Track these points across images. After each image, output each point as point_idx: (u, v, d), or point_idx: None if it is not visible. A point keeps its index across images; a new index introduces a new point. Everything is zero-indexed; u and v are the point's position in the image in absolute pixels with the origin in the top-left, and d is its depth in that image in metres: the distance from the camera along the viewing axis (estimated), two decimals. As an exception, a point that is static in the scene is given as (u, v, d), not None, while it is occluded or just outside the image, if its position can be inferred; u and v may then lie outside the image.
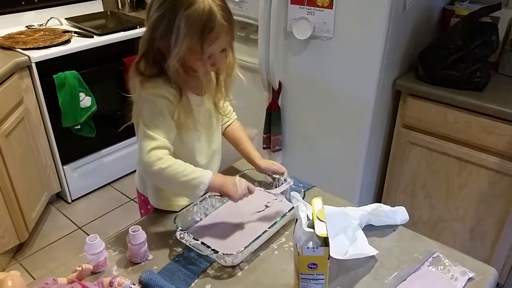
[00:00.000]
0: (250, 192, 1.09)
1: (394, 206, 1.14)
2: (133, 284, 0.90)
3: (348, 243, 1.02)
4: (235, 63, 1.13)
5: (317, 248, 0.79)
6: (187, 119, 1.07)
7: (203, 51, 0.98)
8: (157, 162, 1.00)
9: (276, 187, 1.25)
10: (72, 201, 2.60)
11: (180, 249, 1.06)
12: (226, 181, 1.07)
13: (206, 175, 1.03)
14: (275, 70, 1.95)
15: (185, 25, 0.95)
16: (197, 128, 1.13)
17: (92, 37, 2.40)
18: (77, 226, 2.43)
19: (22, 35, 2.40)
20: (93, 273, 0.98)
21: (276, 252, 1.05)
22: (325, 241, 0.80)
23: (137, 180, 1.29)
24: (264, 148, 2.14)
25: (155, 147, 1.01)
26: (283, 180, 1.25)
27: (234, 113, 1.33)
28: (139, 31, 2.46)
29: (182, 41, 0.96)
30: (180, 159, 1.05)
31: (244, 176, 1.27)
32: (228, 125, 1.31)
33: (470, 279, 0.96)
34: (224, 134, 1.31)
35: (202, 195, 1.07)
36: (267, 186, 1.27)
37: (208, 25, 0.96)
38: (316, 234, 0.80)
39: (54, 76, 2.19)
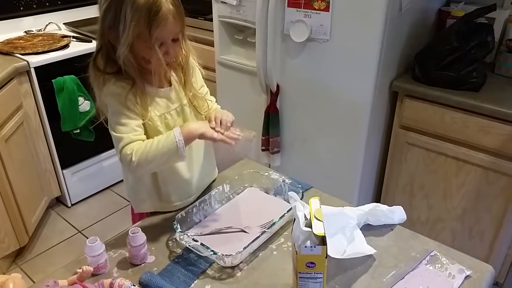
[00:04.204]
0: (221, 123, 1.08)
1: (392, 206, 1.15)
2: (133, 285, 0.91)
3: (346, 243, 1.03)
4: (190, 53, 1.13)
5: (314, 247, 0.80)
6: (145, 110, 1.07)
7: (151, 35, 0.99)
8: (129, 158, 1.03)
9: (275, 188, 1.26)
10: (72, 205, 2.61)
11: (180, 250, 1.06)
12: (200, 125, 1.08)
13: (174, 132, 1.04)
14: (273, 72, 1.97)
15: (130, 10, 0.96)
16: (164, 123, 1.12)
17: (91, 41, 2.42)
18: (77, 230, 2.43)
19: (20, 40, 2.41)
20: (93, 275, 0.98)
21: (275, 252, 1.06)
22: (322, 240, 0.81)
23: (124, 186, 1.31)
24: (263, 150, 2.15)
25: (124, 145, 1.04)
26: (281, 181, 1.26)
27: (219, 108, 1.28)
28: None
29: (129, 27, 0.97)
30: None
31: (242, 176, 1.29)
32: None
33: (467, 276, 0.96)
34: None
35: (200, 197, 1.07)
36: (268, 190, 1.28)
37: (154, 8, 0.97)
38: (314, 233, 0.81)
39: (53, 80, 2.21)
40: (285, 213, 1.10)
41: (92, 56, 1.08)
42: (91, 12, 2.86)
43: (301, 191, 1.18)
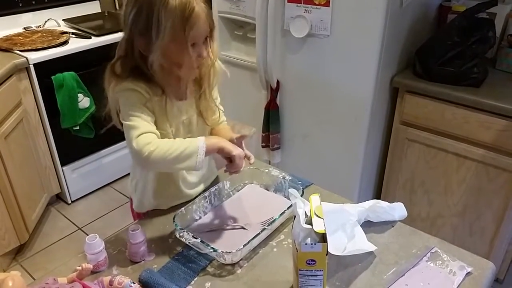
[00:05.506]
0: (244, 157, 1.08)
1: (392, 203, 1.14)
2: (133, 283, 0.91)
3: (347, 240, 1.02)
4: (217, 55, 1.11)
5: (315, 244, 0.80)
6: (160, 118, 1.06)
7: (186, 36, 0.97)
8: (146, 147, 0.97)
9: (275, 184, 1.26)
10: (72, 202, 2.61)
11: (180, 248, 1.06)
12: (221, 139, 1.06)
13: (199, 139, 1.02)
14: (273, 68, 1.96)
15: (164, 12, 0.94)
16: (171, 134, 1.10)
17: (90, 38, 2.41)
18: (77, 227, 2.43)
19: (20, 37, 2.40)
20: (93, 272, 0.98)
21: (275, 249, 1.06)
22: (323, 237, 0.80)
23: (128, 183, 1.29)
24: (263, 146, 2.14)
25: (140, 134, 0.99)
26: (281, 178, 1.25)
27: (225, 122, 1.27)
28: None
29: (164, 30, 0.95)
30: None
31: (242, 173, 1.28)
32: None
33: (468, 273, 0.96)
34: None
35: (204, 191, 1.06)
36: (268, 186, 1.28)
37: (188, 8, 0.95)
38: (314, 231, 0.81)
39: (52, 77, 2.20)
40: (285, 210, 1.10)
41: (111, 62, 1.05)
42: (90, 8, 2.86)
43: (301, 188, 1.18)
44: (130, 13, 0.98)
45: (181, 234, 1.03)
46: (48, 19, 2.63)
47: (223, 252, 0.97)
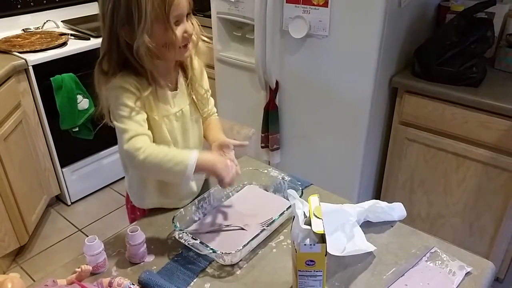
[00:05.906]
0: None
1: (392, 203, 1.14)
2: (133, 284, 0.90)
3: (346, 240, 1.02)
4: (199, 33, 1.10)
5: (314, 245, 0.80)
6: (151, 112, 1.05)
7: (168, 15, 0.96)
8: (136, 153, 0.98)
9: (275, 185, 1.26)
10: (72, 203, 2.61)
11: (179, 249, 1.06)
12: (216, 160, 1.05)
13: (191, 156, 1.01)
14: (272, 69, 1.96)
15: None
16: (164, 127, 1.09)
17: (89, 39, 2.41)
18: (77, 228, 2.43)
19: (18, 39, 2.40)
20: (92, 274, 0.98)
21: (274, 250, 1.06)
22: (322, 238, 0.80)
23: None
24: (262, 147, 2.14)
25: (131, 137, 0.99)
26: (280, 178, 1.25)
27: (216, 114, 1.28)
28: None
29: (145, 12, 0.94)
30: None
31: (241, 173, 1.28)
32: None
33: (468, 273, 0.96)
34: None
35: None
36: (267, 187, 1.28)
37: None
38: (313, 231, 0.81)
39: (51, 78, 2.20)
40: (284, 211, 1.09)
41: (97, 61, 1.04)
42: (89, 9, 2.85)
43: (300, 188, 1.18)
44: (107, 8, 0.97)
45: (181, 235, 1.03)
46: (47, 21, 2.63)
47: (222, 253, 0.97)
